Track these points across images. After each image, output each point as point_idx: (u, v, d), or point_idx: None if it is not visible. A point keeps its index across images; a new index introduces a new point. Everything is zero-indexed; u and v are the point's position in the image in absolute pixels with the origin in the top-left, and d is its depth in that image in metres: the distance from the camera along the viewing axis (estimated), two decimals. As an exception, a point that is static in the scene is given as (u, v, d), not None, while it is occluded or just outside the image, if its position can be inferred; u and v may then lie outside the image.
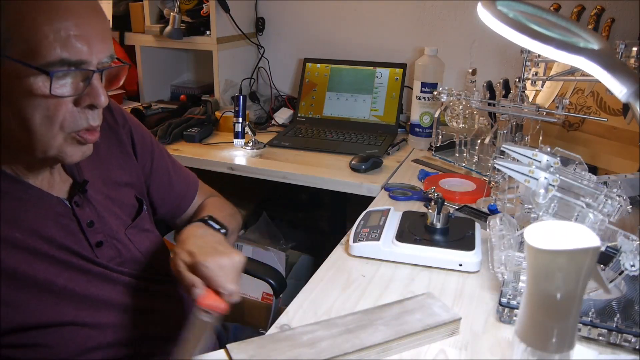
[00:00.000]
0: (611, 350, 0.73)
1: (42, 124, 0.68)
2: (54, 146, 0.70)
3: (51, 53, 0.65)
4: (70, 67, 0.67)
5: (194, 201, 1.06)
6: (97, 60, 0.69)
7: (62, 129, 0.70)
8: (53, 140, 0.70)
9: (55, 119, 0.69)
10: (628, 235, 0.74)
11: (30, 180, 0.76)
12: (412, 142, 1.67)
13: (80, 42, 0.66)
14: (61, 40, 0.65)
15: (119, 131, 0.91)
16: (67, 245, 0.77)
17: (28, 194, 0.75)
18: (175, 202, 1.03)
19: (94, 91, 0.70)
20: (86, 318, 0.77)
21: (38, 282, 0.73)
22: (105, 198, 0.85)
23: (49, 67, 0.65)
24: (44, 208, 0.76)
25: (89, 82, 0.69)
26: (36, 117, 0.67)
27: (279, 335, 0.71)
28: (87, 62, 0.68)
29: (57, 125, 0.69)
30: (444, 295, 0.87)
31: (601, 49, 0.64)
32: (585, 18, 1.46)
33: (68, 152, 0.72)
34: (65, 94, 0.68)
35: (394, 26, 1.92)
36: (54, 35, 0.64)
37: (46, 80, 0.65)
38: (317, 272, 0.94)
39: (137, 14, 1.97)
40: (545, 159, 0.82)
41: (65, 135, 0.71)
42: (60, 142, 0.71)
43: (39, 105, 0.67)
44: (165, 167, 1.01)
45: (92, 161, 0.83)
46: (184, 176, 1.05)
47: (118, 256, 0.83)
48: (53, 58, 0.65)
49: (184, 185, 1.04)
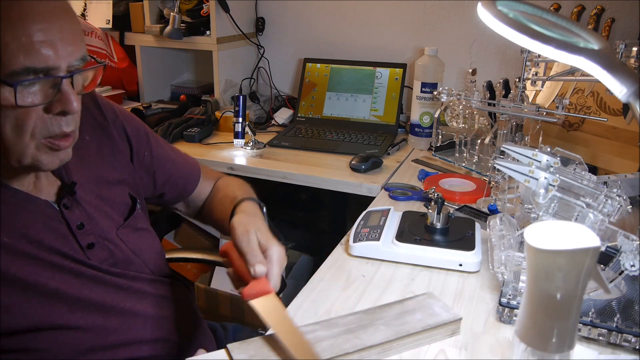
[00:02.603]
0: (611, 350, 0.73)
1: (13, 133, 0.66)
2: (27, 154, 0.69)
3: (14, 62, 0.62)
4: (37, 75, 0.64)
5: (200, 183, 1.05)
6: (66, 64, 0.66)
7: (34, 137, 0.68)
8: (26, 149, 0.68)
9: (26, 127, 0.66)
10: (628, 235, 0.74)
11: (16, 185, 0.75)
12: (412, 142, 1.67)
13: (45, 47, 0.64)
14: (24, 48, 0.62)
15: (109, 128, 0.89)
16: (57, 248, 0.75)
17: (15, 198, 0.74)
18: (181, 184, 1.03)
19: (64, 97, 0.67)
20: (79, 321, 0.76)
21: (29, 286, 0.72)
22: (96, 198, 0.84)
23: (13, 77, 0.63)
24: (33, 212, 0.75)
25: (59, 89, 0.67)
26: (7, 126, 0.66)
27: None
28: (55, 68, 0.65)
29: (27, 134, 0.67)
30: (444, 295, 0.87)
31: (601, 49, 0.64)
32: (585, 18, 1.46)
33: (43, 161, 0.70)
34: (33, 102, 0.65)
35: (394, 26, 1.92)
36: (15, 43, 0.62)
37: (12, 91, 0.63)
38: (317, 272, 0.94)
39: (137, 14, 1.97)
40: (545, 159, 0.82)
41: (37, 143, 0.69)
42: (33, 151, 0.69)
43: (8, 115, 0.65)
44: (164, 153, 1.00)
45: (82, 161, 0.82)
46: (185, 160, 1.05)
47: (110, 257, 0.82)
48: (17, 67, 0.62)
49: (187, 167, 1.04)
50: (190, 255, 1.26)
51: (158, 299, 0.88)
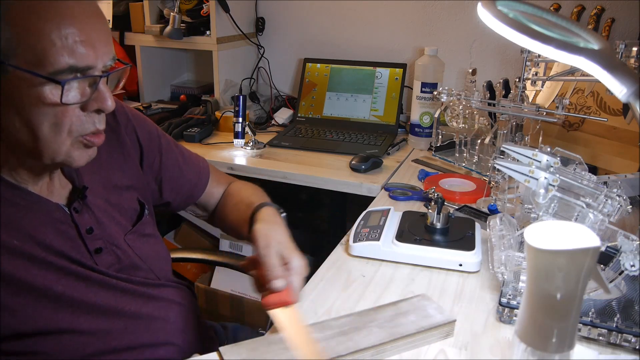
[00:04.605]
0: (611, 350, 0.73)
1: (51, 131, 0.68)
2: (62, 152, 0.70)
3: (59, 60, 0.64)
4: (77, 74, 0.66)
5: (208, 187, 1.06)
6: (102, 64, 0.69)
7: (70, 135, 0.70)
8: (61, 146, 0.70)
9: (63, 125, 0.68)
10: (628, 235, 0.74)
11: (30, 186, 0.75)
12: (412, 142, 1.67)
13: (86, 47, 0.66)
14: (68, 47, 0.64)
15: (121, 132, 0.90)
16: (65, 252, 0.76)
17: (27, 200, 0.75)
18: (187, 192, 1.03)
19: (101, 96, 0.70)
20: (84, 325, 0.76)
21: (36, 289, 0.72)
22: (105, 203, 0.84)
23: (58, 75, 0.65)
24: (43, 214, 0.76)
25: (96, 87, 0.69)
26: (45, 124, 0.67)
27: (273, 338, 0.71)
28: (93, 67, 0.68)
29: (65, 132, 0.69)
30: (444, 295, 0.87)
31: (601, 49, 0.64)
32: (585, 18, 1.46)
33: (75, 157, 0.72)
34: (74, 101, 0.68)
35: (394, 26, 1.92)
36: (61, 43, 0.64)
37: (55, 89, 0.65)
38: (317, 272, 0.94)
39: (137, 14, 1.97)
40: (545, 159, 0.82)
41: (73, 140, 0.70)
42: (68, 147, 0.70)
43: (48, 113, 0.67)
44: (174, 158, 1.00)
45: (92, 166, 0.82)
46: (195, 165, 1.05)
47: (117, 262, 0.82)
48: (61, 66, 0.64)
49: (195, 174, 1.04)
50: (190, 255, 1.26)
51: (162, 302, 0.88)
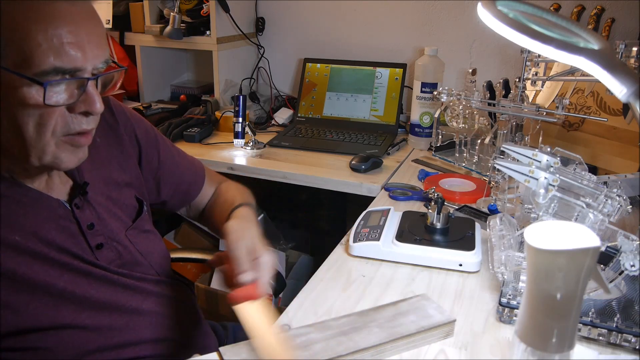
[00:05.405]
0: (611, 350, 0.73)
1: (35, 131, 0.67)
2: (48, 152, 0.70)
3: (44, 62, 0.63)
4: (64, 76, 0.66)
5: (203, 188, 1.06)
6: (91, 67, 0.68)
7: (54, 135, 0.69)
8: (46, 147, 0.69)
9: (47, 126, 0.68)
10: (628, 235, 0.74)
11: (29, 183, 0.76)
12: (412, 142, 1.67)
13: (74, 49, 0.65)
14: (54, 49, 0.64)
15: (120, 130, 0.91)
16: (67, 247, 0.76)
17: (27, 196, 0.75)
18: (184, 191, 1.03)
19: (89, 98, 0.69)
20: (86, 320, 0.76)
21: (37, 285, 0.72)
22: (106, 199, 0.85)
23: (42, 77, 0.64)
24: (44, 210, 0.76)
25: (84, 90, 0.68)
26: (29, 125, 0.67)
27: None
28: (82, 69, 0.67)
29: (49, 132, 0.68)
30: (443, 295, 0.87)
31: (601, 49, 0.64)
32: (585, 18, 1.46)
33: (63, 159, 0.71)
34: (59, 102, 0.67)
35: (394, 26, 1.92)
36: (47, 44, 0.63)
37: (40, 90, 0.65)
38: (317, 272, 0.94)
39: (137, 14, 1.97)
40: (545, 159, 0.82)
41: (57, 140, 0.70)
42: (54, 149, 0.70)
43: (32, 114, 0.66)
44: (171, 157, 1.01)
45: (93, 162, 0.83)
46: (191, 165, 1.06)
47: (118, 258, 0.83)
48: (46, 67, 0.64)
49: (191, 173, 1.05)
50: (190, 255, 1.26)
51: (162, 299, 0.88)
